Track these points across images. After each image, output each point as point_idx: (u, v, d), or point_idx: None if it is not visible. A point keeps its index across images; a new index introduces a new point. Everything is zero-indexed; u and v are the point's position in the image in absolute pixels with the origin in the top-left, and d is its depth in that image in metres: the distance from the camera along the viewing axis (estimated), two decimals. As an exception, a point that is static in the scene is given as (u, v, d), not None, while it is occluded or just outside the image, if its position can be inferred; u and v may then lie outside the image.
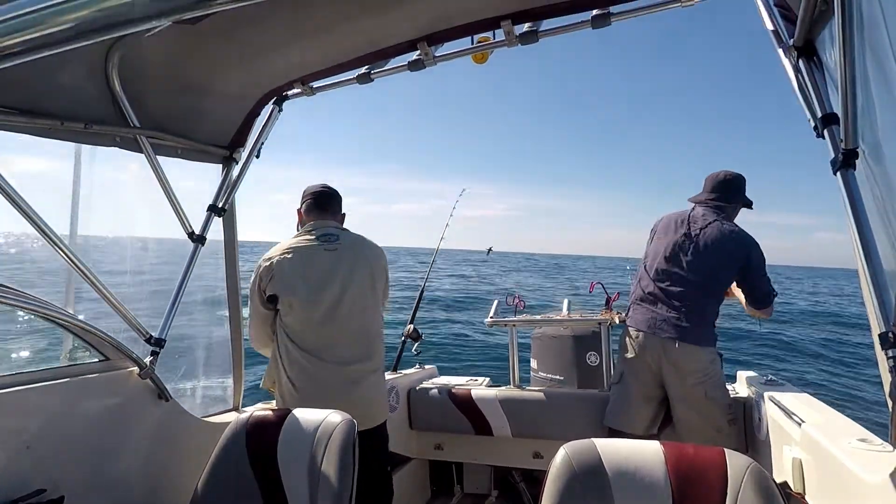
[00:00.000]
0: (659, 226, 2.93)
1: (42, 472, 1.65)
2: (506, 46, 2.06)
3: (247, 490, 1.82)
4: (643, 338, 2.70)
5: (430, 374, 3.65)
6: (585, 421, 2.90)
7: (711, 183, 2.87)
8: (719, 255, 2.67)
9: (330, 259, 2.26)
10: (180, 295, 2.23)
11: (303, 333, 2.22)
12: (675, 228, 2.80)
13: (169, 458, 2.11)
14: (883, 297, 1.15)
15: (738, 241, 2.69)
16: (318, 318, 2.21)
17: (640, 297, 2.81)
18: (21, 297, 1.56)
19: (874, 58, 1.17)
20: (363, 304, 2.31)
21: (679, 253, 2.72)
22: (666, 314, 2.67)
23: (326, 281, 2.23)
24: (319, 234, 2.31)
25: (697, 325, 2.63)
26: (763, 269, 2.70)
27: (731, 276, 2.71)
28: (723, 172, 2.88)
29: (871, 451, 1.42)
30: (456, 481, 3.53)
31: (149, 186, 2.14)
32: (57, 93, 1.76)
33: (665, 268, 2.74)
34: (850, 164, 1.25)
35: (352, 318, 2.27)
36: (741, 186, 2.86)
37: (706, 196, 2.85)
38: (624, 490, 1.39)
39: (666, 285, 2.71)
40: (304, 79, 2.28)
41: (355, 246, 2.35)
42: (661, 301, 2.71)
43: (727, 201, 2.81)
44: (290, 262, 2.22)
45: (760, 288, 2.72)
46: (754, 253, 2.68)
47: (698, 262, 2.67)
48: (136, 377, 2.01)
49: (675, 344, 2.60)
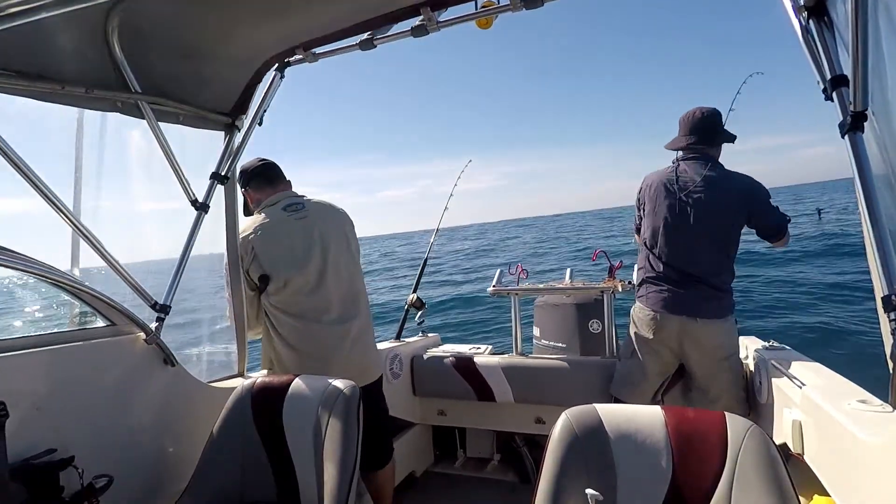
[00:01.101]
0: (647, 193, 2.75)
1: (52, 433, 1.68)
2: (510, 11, 2.03)
3: (253, 453, 1.85)
4: (660, 318, 2.58)
5: (434, 342, 3.69)
6: (587, 387, 2.93)
7: (687, 125, 2.68)
8: (722, 210, 2.54)
9: (304, 227, 2.31)
10: (184, 262, 2.25)
11: (295, 303, 2.26)
12: (665, 193, 2.64)
13: (176, 422, 2.14)
14: (887, 261, 1.15)
15: (738, 190, 2.56)
16: (309, 286, 2.27)
17: (650, 275, 2.68)
18: (27, 262, 1.57)
19: (887, 17, 1.15)
20: (345, 264, 2.37)
21: (680, 221, 2.58)
22: (681, 291, 2.55)
23: (308, 249, 2.28)
24: (284, 204, 2.34)
25: (714, 295, 2.53)
26: (769, 204, 2.57)
27: (741, 226, 2.57)
28: (697, 111, 2.68)
29: (870, 411, 1.44)
30: (459, 446, 3.59)
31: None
32: (57, 57, 1.74)
33: (669, 240, 2.62)
34: (859, 127, 1.24)
35: (339, 279, 2.33)
36: (719, 122, 2.68)
37: (686, 141, 2.67)
38: (625, 453, 1.41)
39: (674, 259, 2.59)
40: (305, 44, 2.24)
41: (322, 210, 2.41)
42: (673, 278, 2.59)
43: (709, 142, 2.65)
44: (268, 240, 2.25)
45: (771, 224, 2.59)
46: (757, 194, 2.55)
47: (703, 225, 2.54)
48: (143, 342, 2.03)
49: (695, 321, 2.51)
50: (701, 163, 2.62)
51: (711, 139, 2.66)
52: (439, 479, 3.41)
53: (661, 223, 2.64)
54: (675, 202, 2.60)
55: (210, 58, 2.17)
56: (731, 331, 2.57)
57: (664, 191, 2.65)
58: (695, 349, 2.56)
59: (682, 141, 2.70)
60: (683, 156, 2.69)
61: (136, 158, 2.32)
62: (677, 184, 2.62)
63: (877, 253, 1.18)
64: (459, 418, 3.40)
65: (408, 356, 3.35)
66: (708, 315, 2.51)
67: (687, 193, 2.58)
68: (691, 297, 2.54)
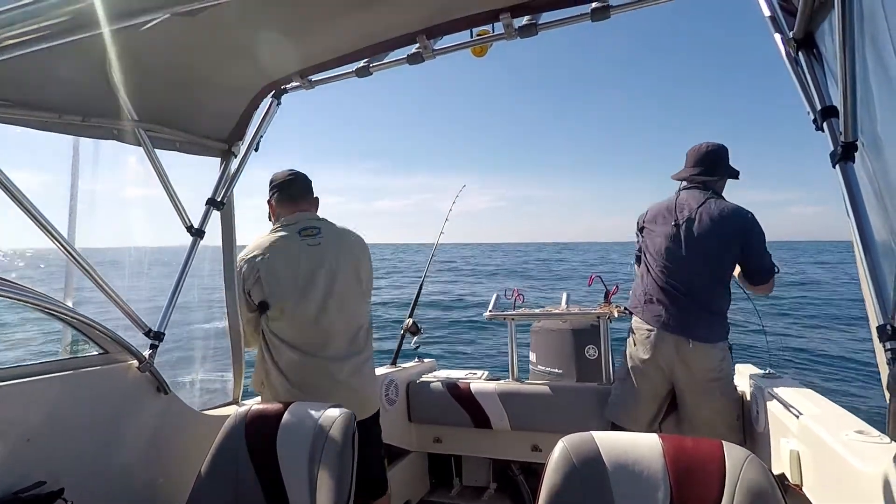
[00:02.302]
0: (647, 218, 2.85)
1: (42, 465, 1.65)
2: (505, 39, 2.06)
3: (246, 482, 1.83)
4: (654, 338, 2.62)
5: (430, 367, 3.66)
6: (584, 414, 2.91)
7: (694, 157, 2.79)
8: (718, 237, 2.59)
9: (314, 254, 2.24)
10: (179, 288, 2.23)
11: (294, 333, 2.21)
12: (664, 219, 2.73)
13: (168, 451, 2.12)
14: (881, 290, 1.15)
15: (735, 218, 2.61)
16: (309, 317, 2.21)
17: (646, 296, 2.72)
18: (20, 291, 1.56)
19: (874, 50, 1.17)
20: (350, 298, 2.30)
21: (677, 245, 2.65)
22: (675, 313, 2.60)
23: (313, 278, 2.22)
24: (300, 227, 2.29)
25: (709, 320, 2.57)
26: (763, 243, 2.62)
27: (735, 256, 2.62)
28: (704, 144, 2.80)
29: (868, 442, 1.43)
30: (455, 474, 3.54)
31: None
32: (54, 85, 1.76)
33: (666, 263, 2.67)
34: (850, 157, 1.25)
35: (341, 312, 2.26)
36: (724, 157, 2.78)
37: (690, 172, 2.78)
38: (622, 482, 1.40)
39: (670, 281, 2.64)
40: (302, 72, 2.27)
41: (338, 238, 2.34)
42: (668, 299, 2.63)
43: (712, 174, 2.74)
44: (274, 264, 2.20)
45: (761, 264, 2.65)
46: (754, 227, 2.61)
47: (698, 251, 2.60)
48: (136, 370, 2.01)
49: (688, 344, 2.54)
50: (700, 192, 2.71)
51: (713, 171, 2.75)
52: None
53: (659, 244, 2.72)
54: (671, 226, 2.69)
55: (207, 85, 2.18)
56: (723, 356, 2.59)
57: (662, 216, 2.75)
58: (684, 371, 2.58)
59: (686, 172, 2.81)
60: (685, 186, 2.79)
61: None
62: (675, 209, 2.71)
63: (870, 282, 1.18)
64: (455, 446, 3.36)
65: (403, 382, 3.32)
66: (699, 338, 2.55)
67: (684, 218, 2.66)
68: (685, 318, 2.58)
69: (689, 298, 2.59)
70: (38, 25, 0.97)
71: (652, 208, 2.85)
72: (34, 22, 0.92)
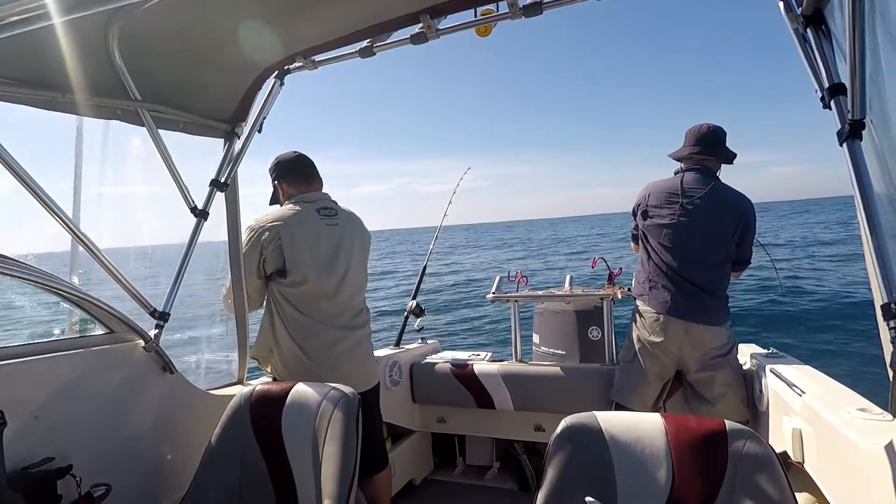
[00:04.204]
0: (649, 199, 2.80)
1: (50, 441, 1.67)
2: (510, 19, 2.04)
3: (251, 461, 1.85)
4: (663, 320, 2.62)
5: (433, 348, 3.68)
6: (587, 394, 2.93)
7: (694, 136, 2.76)
8: (722, 222, 2.62)
9: (333, 234, 2.32)
10: (184, 269, 2.24)
11: (311, 304, 2.25)
12: (669, 201, 2.71)
13: (174, 430, 2.14)
14: (886, 269, 1.15)
15: (741, 207, 2.65)
16: (329, 291, 2.28)
17: (650, 282, 2.72)
18: (26, 269, 1.57)
19: (885, 26, 1.15)
20: (359, 278, 2.42)
21: (683, 230, 2.64)
22: (682, 299, 2.60)
23: (335, 256, 2.30)
24: (319, 206, 2.34)
25: (714, 304, 2.60)
26: (753, 234, 2.69)
27: (735, 240, 2.66)
28: (705, 125, 2.77)
29: (870, 420, 1.43)
30: (458, 453, 3.57)
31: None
32: (57, 65, 1.75)
33: (672, 246, 2.66)
34: (857, 135, 1.24)
35: (354, 290, 2.38)
36: (723, 139, 2.76)
37: (690, 150, 2.75)
38: (625, 461, 1.41)
39: (677, 265, 2.64)
40: (305, 52, 2.25)
41: (351, 222, 2.44)
42: (674, 285, 2.63)
43: (713, 153, 2.72)
44: (296, 234, 2.22)
45: (747, 255, 2.73)
46: (752, 220, 2.66)
47: (705, 236, 2.61)
48: (142, 350, 2.03)
49: (698, 326, 2.56)
50: (704, 176, 2.69)
51: (715, 151, 2.72)
52: (438, 486, 3.39)
53: (664, 228, 2.69)
54: (678, 211, 2.66)
55: (210, 65, 2.17)
56: (729, 334, 2.64)
57: (666, 197, 2.72)
58: (694, 349, 2.60)
59: (686, 150, 2.76)
60: (687, 167, 2.76)
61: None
62: (682, 194, 2.67)
63: (876, 261, 1.18)
64: (459, 426, 3.39)
65: (407, 363, 3.34)
66: (711, 322, 2.57)
67: (690, 202, 2.64)
68: (692, 304, 2.59)
69: (694, 285, 2.60)
70: (41, 2, 0.96)
71: (653, 191, 2.80)
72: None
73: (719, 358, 2.58)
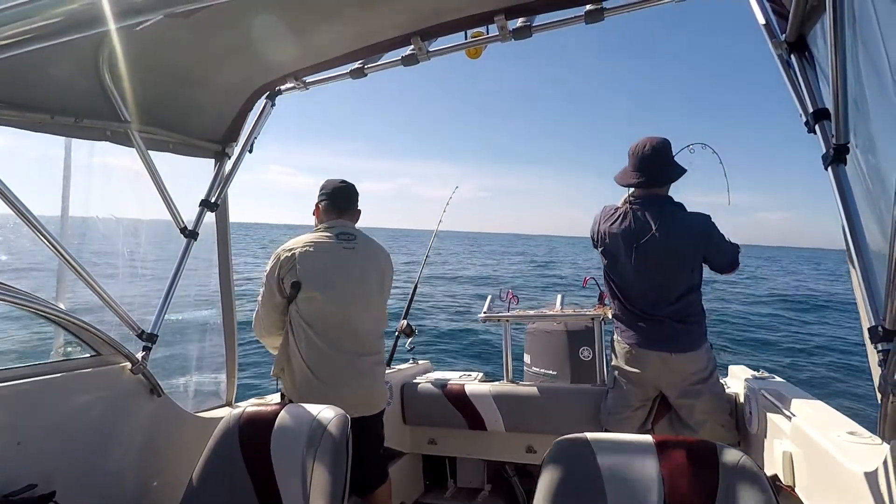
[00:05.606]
0: (606, 238, 2.67)
1: (33, 468, 1.64)
2: (499, 41, 2.06)
3: (240, 485, 1.82)
4: (636, 353, 2.59)
5: (425, 368, 3.66)
6: (579, 415, 2.91)
7: (635, 160, 2.58)
8: (681, 251, 2.53)
9: (349, 257, 2.38)
10: (173, 290, 2.23)
11: (322, 323, 2.30)
12: (624, 244, 2.59)
13: (162, 454, 2.10)
14: (872, 292, 1.16)
15: (695, 227, 2.55)
16: (339, 311, 2.32)
17: (623, 313, 2.67)
18: (11, 293, 1.55)
19: (866, 53, 1.18)
20: (373, 302, 2.45)
21: (641, 272, 2.57)
22: (652, 333, 2.56)
23: (347, 277, 2.35)
24: (338, 232, 2.41)
25: (685, 330, 2.54)
26: (723, 239, 2.57)
27: (701, 263, 2.59)
28: (647, 144, 2.56)
29: (859, 443, 1.44)
30: (449, 476, 3.53)
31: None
32: (47, 87, 1.75)
33: (633, 288, 2.62)
34: (842, 159, 1.26)
35: (367, 313, 2.41)
36: (668, 155, 2.58)
37: (635, 178, 2.58)
38: (616, 483, 1.40)
39: (642, 305, 2.59)
40: (297, 73, 2.27)
41: (369, 247, 2.49)
42: (645, 315, 2.59)
43: (657, 183, 2.57)
44: (313, 256, 2.31)
45: (726, 258, 2.61)
46: (713, 230, 2.55)
47: (666, 268, 2.54)
48: (129, 372, 2.00)
49: (671, 355, 2.52)
50: (654, 207, 2.57)
51: (659, 179, 2.59)
52: None
53: (623, 273, 2.64)
54: (633, 252, 2.57)
55: (201, 87, 2.18)
56: (707, 357, 2.58)
57: (622, 241, 2.61)
58: (673, 375, 2.57)
59: (631, 177, 2.62)
60: (634, 199, 2.64)
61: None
62: (633, 233, 2.57)
63: (862, 284, 1.19)
64: (450, 447, 3.36)
65: (398, 384, 3.31)
66: (683, 350, 2.52)
67: (644, 242, 2.54)
68: (663, 336, 2.54)
69: (665, 312, 2.55)
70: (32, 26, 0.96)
71: (605, 229, 2.67)
72: (28, 22, 0.91)
73: (699, 385, 2.54)
